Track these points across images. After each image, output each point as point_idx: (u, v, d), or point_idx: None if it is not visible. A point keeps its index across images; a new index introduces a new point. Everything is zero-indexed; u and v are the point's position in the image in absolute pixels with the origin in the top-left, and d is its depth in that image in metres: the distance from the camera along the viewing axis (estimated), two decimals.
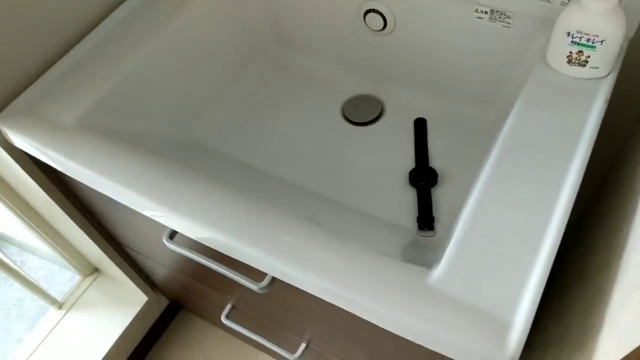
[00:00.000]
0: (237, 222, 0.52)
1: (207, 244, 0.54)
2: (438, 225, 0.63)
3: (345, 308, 0.48)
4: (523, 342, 0.42)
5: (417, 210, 0.65)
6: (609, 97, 0.57)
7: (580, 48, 0.56)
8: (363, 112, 0.77)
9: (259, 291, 0.54)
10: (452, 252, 0.47)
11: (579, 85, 0.58)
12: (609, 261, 0.53)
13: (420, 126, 0.73)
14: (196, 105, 0.77)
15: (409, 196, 0.67)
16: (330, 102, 0.79)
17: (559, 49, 0.58)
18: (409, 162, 0.70)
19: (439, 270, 0.47)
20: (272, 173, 0.72)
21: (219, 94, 0.80)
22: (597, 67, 0.57)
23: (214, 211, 0.53)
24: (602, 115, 0.55)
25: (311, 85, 0.81)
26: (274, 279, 0.54)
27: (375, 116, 0.76)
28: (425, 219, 0.63)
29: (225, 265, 0.58)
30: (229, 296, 0.82)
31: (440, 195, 0.66)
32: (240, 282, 0.56)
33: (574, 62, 0.57)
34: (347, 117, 0.76)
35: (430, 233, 0.62)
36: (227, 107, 0.79)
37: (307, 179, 0.70)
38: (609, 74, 0.58)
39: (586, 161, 0.52)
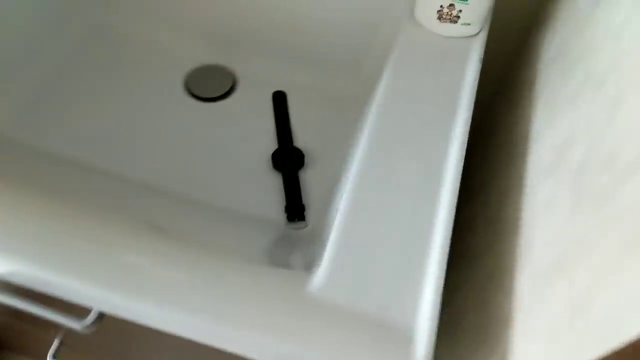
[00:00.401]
0: (43, 243, 0.37)
1: (3, 278, 0.38)
2: (310, 214, 0.54)
3: (206, 341, 0.36)
4: (431, 352, 0.34)
5: (284, 199, 0.55)
6: (482, 57, 0.52)
7: (452, 1, 0.50)
8: (211, 85, 0.64)
9: (84, 331, 0.40)
10: (333, 250, 0.38)
11: (451, 44, 0.52)
12: (498, 242, 0.48)
13: (279, 101, 0.63)
14: None
15: (274, 182, 0.57)
16: (169, 75, 0.64)
17: (429, 2, 0.51)
18: (271, 143, 0.60)
19: (320, 276, 0.37)
20: (97, 168, 0.56)
21: (18, 67, 0.61)
22: (469, 24, 0.51)
23: (9, 232, 0.37)
24: (477, 76, 0.50)
25: (143, 54, 0.66)
26: (102, 314, 0.40)
27: (226, 90, 0.63)
28: (295, 208, 0.53)
29: (36, 300, 0.43)
30: (54, 332, 0.65)
31: (310, 179, 0.57)
32: (59, 322, 0.41)
33: (445, 18, 0.51)
34: (193, 92, 0.63)
35: (301, 224, 0.53)
36: (32, 85, 0.61)
37: (145, 171, 0.56)
38: (480, 31, 0.53)
39: (467, 129, 0.46)
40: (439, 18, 0.51)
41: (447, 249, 0.38)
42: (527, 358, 0.33)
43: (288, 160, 0.57)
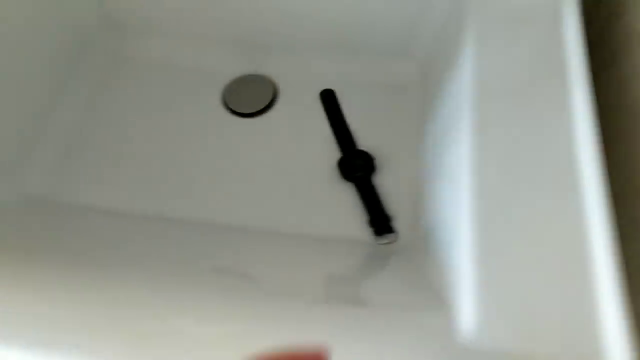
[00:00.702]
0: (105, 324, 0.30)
1: None
2: (398, 223, 0.46)
3: None
4: None
5: (364, 212, 0.47)
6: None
7: None
8: (251, 98, 0.57)
9: None
10: (475, 281, 0.30)
11: None
12: None
13: (329, 100, 0.55)
14: (14, 142, 0.52)
15: (346, 195, 0.49)
16: (204, 95, 0.57)
17: None
18: (332, 151, 0.52)
19: (468, 319, 0.29)
20: (148, 214, 0.49)
21: (43, 117, 0.55)
22: None
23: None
24: (582, 34, 0.41)
25: (172, 77, 0.59)
26: None
27: (268, 100, 0.56)
28: (380, 220, 0.46)
29: None
30: None
31: (385, 183, 0.49)
32: None
33: None
34: (233, 109, 0.56)
35: (391, 237, 0.45)
36: (60, 134, 0.55)
37: (199, 209, 0.49)
38: None
39: (592, 106, 0.37)
40: None
41: (616, 259, 0.30)
42: None
43: (357, 167, 0.49)
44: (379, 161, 0.51)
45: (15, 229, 0.46)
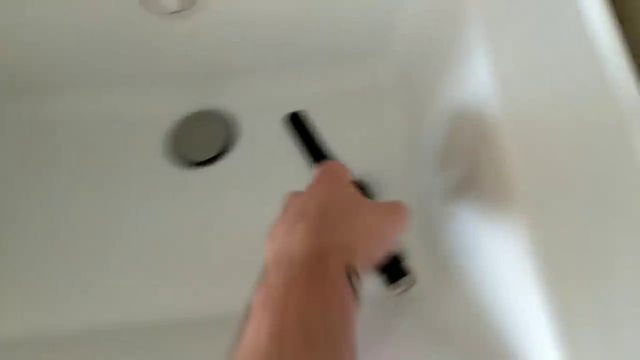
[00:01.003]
0: None
1: None
2: (413, 263, 0.37)
3: None
4: None
5: None
6: None
7: None
8: (206, 141, 0.47)
9: None
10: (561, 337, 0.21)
11: None
12: None
13: (300, 125, 0.46)
14: None
15: None
16: (145, 147, 0.47)
17: None
18: None
19: None
20: (95, 327, 0.38)
21: None
22: None
23: None
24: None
25: (104, 131, 0.49)
26: None
27: (224, 141, 0.47)
28: (393, 264, 0.36)
29: None
30: None
31: None
32: None
33: None
34: (186, 158, 0.46)
35: (409, 281, 0.36)
36: None
37: (158, 307, 0.39)
38: None
39: None
40: None
41: None
42: None
43: None
44: (373, 189, 0.42)
45: None
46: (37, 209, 0.44)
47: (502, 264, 0.29)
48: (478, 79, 0.31)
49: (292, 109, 0.47)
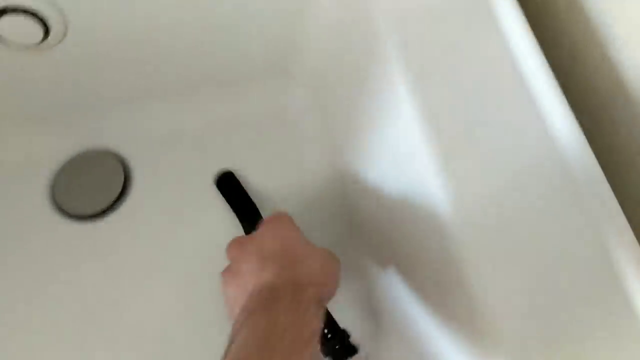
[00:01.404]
0: None
1: None
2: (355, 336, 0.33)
3: None
4: None
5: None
6: None
7: None
8: (96, 188, 0.40)
9: None
10: None
11: None
12: None
13: (229, 186, 0.41)
14: None
15: None
16: (24, 197, 0.40)
17: None
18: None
19: None
20: None
21: None
22: None
23: None
24: None
25: None
26: None
27: (120, 186, 0.40)
28: (340, 341, 0.32)
29: None
30: None
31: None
32: None
33: None
34: (68, 210, 0.39)
35: (358, 357, 0.32)
36: None
37: None
38: None
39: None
40: None
41: None
42: None
43: None
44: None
45: None
46: None
47: None
48: (403, 117, 0.27)
49: (187, 143, 0.41)
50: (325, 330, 0.33)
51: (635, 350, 0.22)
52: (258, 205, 0.39)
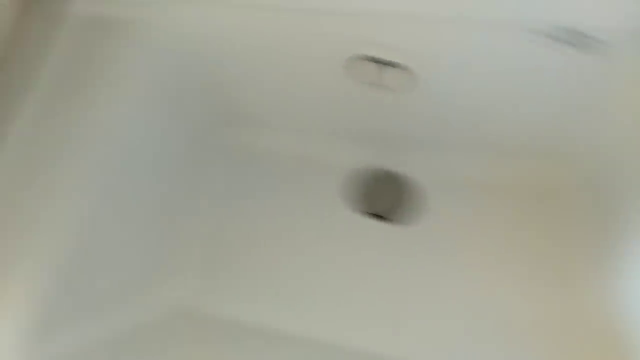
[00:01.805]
0: None
1: None
2: None
3: None
4: None
5: None
6: None
7: None
8: (388, 199, 0.54)
9: None
10: None
11: None
12: None
13: None
14: (153, 255, 0.51)
15: None
16: (326, 195, 0.55)
17: None
18: None
19: None
20: (289, 334, 0.48)
21: (174, 218, 0.53)
22: None
23: None
24: None
25: (296, 175, 0.57)
26: None
27: (409, 204, 0.53)
28: None
29: None
30: None
31: None
32: None
33: None
34: (373, 212, 0.53)
35: None
36: (196, 242, 0.54)
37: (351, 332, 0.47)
38: None
39: None
40: None
41: None
42: None
43: None
44: None
45: (166, 345, 0.45)
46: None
47: None
48: None
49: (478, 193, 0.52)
50: None
51: None
52: None
